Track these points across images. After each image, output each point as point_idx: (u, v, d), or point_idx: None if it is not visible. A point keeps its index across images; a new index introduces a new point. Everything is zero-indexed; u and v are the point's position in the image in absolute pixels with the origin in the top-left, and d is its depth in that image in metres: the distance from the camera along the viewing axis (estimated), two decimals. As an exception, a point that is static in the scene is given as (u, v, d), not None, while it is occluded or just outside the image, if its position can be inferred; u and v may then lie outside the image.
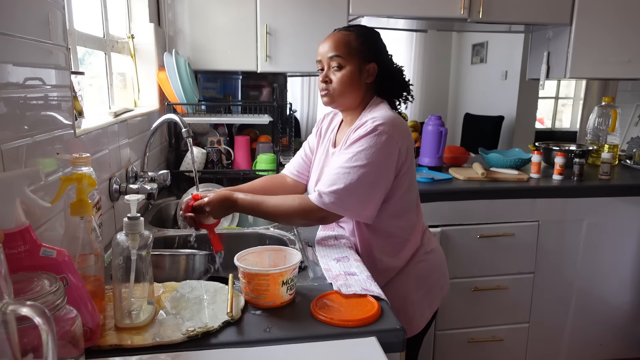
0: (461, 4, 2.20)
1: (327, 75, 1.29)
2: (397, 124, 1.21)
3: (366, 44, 1.27)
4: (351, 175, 1.16)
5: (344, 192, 1.16)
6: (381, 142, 1.17)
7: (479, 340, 2.17)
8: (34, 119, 0.91)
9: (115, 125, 1.43)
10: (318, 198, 1.18)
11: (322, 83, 1.30)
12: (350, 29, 1.30)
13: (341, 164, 1.19)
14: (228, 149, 2.22)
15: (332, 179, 1.18)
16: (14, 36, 0.84)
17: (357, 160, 1.17)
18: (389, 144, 1.18)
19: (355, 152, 1.18)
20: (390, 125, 1.19)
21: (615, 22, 2.35)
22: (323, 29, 2.17)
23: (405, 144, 1.22)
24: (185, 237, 1.44)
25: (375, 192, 1.19)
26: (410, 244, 1.33)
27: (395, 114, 1.25)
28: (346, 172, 1.17)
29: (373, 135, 1.17)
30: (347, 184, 1.16)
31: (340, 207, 1.17)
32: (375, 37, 1.31)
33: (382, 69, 1.30)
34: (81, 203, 0.80)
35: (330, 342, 0.83)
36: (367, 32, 1.30)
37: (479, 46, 4.81)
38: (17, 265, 0.65)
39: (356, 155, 1.17)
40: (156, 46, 2.01)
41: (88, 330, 0.74)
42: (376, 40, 1.31)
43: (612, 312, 2.27)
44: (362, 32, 1.29)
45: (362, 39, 1.27)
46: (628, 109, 2.93)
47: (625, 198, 2.15)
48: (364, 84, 1.29)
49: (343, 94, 1.28)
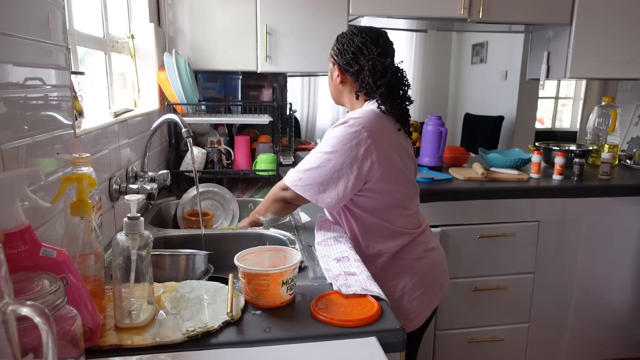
0: (461, 4, 2.20)
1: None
2: (372, 119, 1.27)
3: (335, 47, 1.38)
4: (316, 159, 1.26)
5: (306, 174, 1.27)
6: (349, 133, 1.24)
7: (479, 340, 2.17)
8: (34, 119, 0.91)
9: (115, 125, 1.43)
10: (286, 176, 1.31)
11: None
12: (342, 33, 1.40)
13: (313, 151, 1.30)
14: (228, 149, 2.22)
15: (302, 162, 1.30)
16: (14, 36, 0.84)
17: (325, 147, 1.26)
18: (357, 135, 1.23)
19: (324, 139, 1.28)
20: (364, 119, 1.25)
21: (615, 22, 2.35)
22: (323, 29, 2.18)
23: (377, 137, 1.25)
24: (186, 237, 1.44)
25: (337, 180, 1.24)
26: (402, 234, 1.34)
27: (374, 112, 1.30)
28: (313, 156, 1.28)
29: (344, 126, 1.26)
30: (311, 167, 1.26)
31: (300, 186, 1.27)
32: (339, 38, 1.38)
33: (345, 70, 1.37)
34: (81, 203, 0.80)
35: (330, 342, 0.83)
36: (341, 35, 1.38)
37: (479, 46, 4.81)
38: (17, 265, 0.65)
39: (325, 142, 1.27)
40: (156, 46, 2.01)
41: (88, 330, 0.74)
42: (338, 43, 1.37)
43: (612, 312, 2.27)
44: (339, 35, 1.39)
45: (334, 43, 1.39)
46: (628, 109, 2.93)
47: (625, 198, 2.15)
48: (339, 85, 1.40)
49: (331, 95, 1.46)
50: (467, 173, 2.19)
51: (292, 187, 1.28)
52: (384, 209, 1.32)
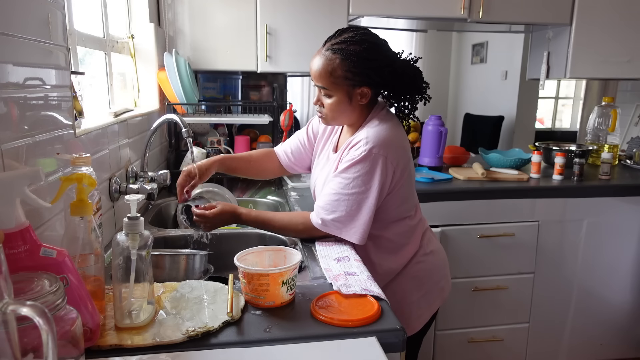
0: (461, 4, 2.20)
1: (319, 99, 1.27)
2: (391, 143, 1.20)
3: (352, 70, 1.18)
4: (351, 202, 1.20)
5: (346, 219, 1.21)
6: (377, 166, 1.18)
7: (479, 340, 2.17)
8: (34, 119, 0.91)
9: (115, 125, 1.43)
10: (322, 225, 1.24)
11: (316, 105, 1.29)
12: (337, 49, 1.18)
13: (339, 190, 1.21)
14: (228, 149, 2.22)
15: (333, 205, 1.21)
16: (14, 36, 0.84)
17: (355, 187, 1.19)
18: (384, 167, 1.19)
19: (352, 177, 1.19)
20: (384, 147, 1.18)
21: (615, 22, 2.35)
22: (323, 29, 2.18)
23: (400, 162, 1.22)
24: (186, 237, 1.44)
25: (372, 215, 1.22)
26: (408, 247, 1.33)
27: (389, 131, 1.21)
28: (346, 198, 1.20)
29: (369, 159, 1.18)
30: (348, 211, 1.20)
31: (344, 232, 1.22)
32: (364, 53, 1.18)
33: (377, 86, 1.24)
34: (81, 203, 0.80)
35: (330, 342, 0.83)
36: (355, 52, 1.17)
37: (479, 46, 4.81)
38: (17, 265, 0.65)
39: (354, 181, 1.19)
40: (156, 46, 2.01)
41: (88, 330, 0.74)
42: (365, 59, 1.18)
43: (612, 312, 2.27)
44: (348, 53, 1.17)
45: (347, 64, 1.17)
46: (628, 109, 2.93)
47: (625, 198, 2.15)
48: (358, 106, 1.25)
49: (335, 118, 1.28)
50: (467, 173, 2.19)
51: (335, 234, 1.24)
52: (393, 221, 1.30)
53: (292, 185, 2.04)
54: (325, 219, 1.22)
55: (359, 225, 1.21)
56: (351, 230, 1.21)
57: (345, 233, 1.22)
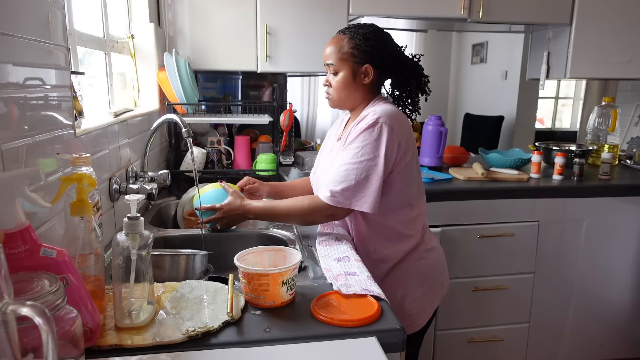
0: (461, 4, 2.20)
1: (328, 80, 1.35)
2: (398, 118, 1.25)
3: (359, 46, 1.28)
4: (359, 170, 1.21)
5: (355, 188, 1.21)
6: (384, 134, 1.21)
7: (479, 340, 2.17)
8: (34, 119, 0.91)
9: (115, 125, 1.43)
10: (331, 197, 1.22)
11: (325, 86, 1.36)
12: (347, 31, 1.31)
13: (348, 160, 1.22)
14: (228, 149, 2.22)
15: (341, 175, 1.22)
16: (14, 36, 0.83)
17: (364, 155, 1.21)
18: (391, 136, 1.22)
19: (360, 146, 1.22)
20: (391, 118, 1.23)
21: (615, 22, 2.35)
22: (323, 29, 2.18)
23: (404, 136, 1.25)
24: (186, 237, 1.44)
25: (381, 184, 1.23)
26: (408, 238, 1.34)
27: (395, 109, 1.28)
28: (354, 167, 1.21)
29: (376, 128, 1.22)
30: (358, 180, 1.21)
31: (354, 202, 1.21)
32: (371, 36, 1.29)
33: (380, 68, 1.31)
34: (81, 203, 0.80)
35: (330, 342, 0.83)
36: (361, 33, 1.29)
37: (479, 46, 4.81)
38: (17, 265, 0.65)
39: (362, 149, 1.21)
40: (156, 46, 2.01)
41: (88, 330, 0.74)
42: (371, 40, 1.28)
43: (612, 312, 2.27)
44: (356, 33, 1.29)
45: (355, 42, 1.28)
46: (628, 109, 2.93)
47: (625, 198, 2.15)
48: (361, 85, 1.32)
49: (340, 98, 1.33)
50: (467, 173, 2.19)
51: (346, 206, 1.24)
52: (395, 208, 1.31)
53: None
54: (334, 190, 1.22)
55: (370, 193, 1.20)
56: (361, 200, 1.21)
57: (355, 203, 1.21)
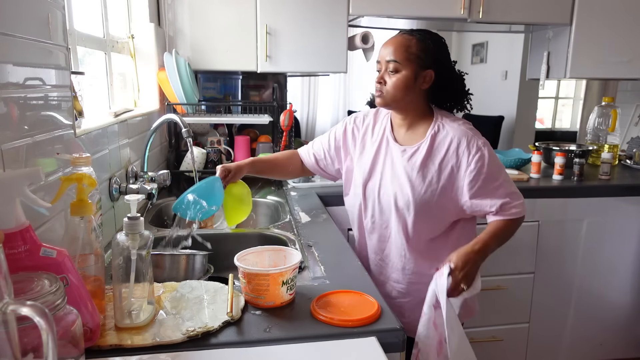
0: (461, 4, 2.20)
1: (383, 77, 1.32)
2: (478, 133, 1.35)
3: (426, 50, 1.29)
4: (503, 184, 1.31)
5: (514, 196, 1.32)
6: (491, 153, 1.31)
7: (479, 340, 2.17)
8: (34, 119, 0.91)
9: (115, 125, 1.43)
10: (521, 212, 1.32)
11: (377, 84, 1.33)
12: (414, 33, 1.31)
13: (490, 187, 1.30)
14: (228, 149, 2.22)
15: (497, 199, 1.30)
16: (14, 36, 0.84)
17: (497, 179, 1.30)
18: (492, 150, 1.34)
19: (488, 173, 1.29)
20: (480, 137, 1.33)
21: (615, 22, 2.35)
22: (323, 29, 2.18)
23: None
24: (186, 238, 1.43)
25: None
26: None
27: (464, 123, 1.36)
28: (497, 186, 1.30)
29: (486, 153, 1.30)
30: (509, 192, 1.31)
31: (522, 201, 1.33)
32: (438, 44, 1.31)
33: (440, 77, 1.32)
34: (81, 203, 0.80)
35: (330, 342, 0.83)
36: (429, 38, 1.30)
37: (479, 46, 4.81)
38: (17, 265, 0.65)
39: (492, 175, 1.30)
40: (156, 46, 2.01)
41: (88, 330, 0.74)
42: (438, 48, 1.31)
43: (612, 312, 2.27)
44: (424, 37, 1.30)
45: (423, 45, 1.29)
46: (628, 109, 2.93)
47: (625, 198, 2.15)
48: (419, 90, 1.31)
49: (396, 97, 1.31)
50: (467, 173, 2.19)
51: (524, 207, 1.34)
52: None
53: (293, 186, 2.04)
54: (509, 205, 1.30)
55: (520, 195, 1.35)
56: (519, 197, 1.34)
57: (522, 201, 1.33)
